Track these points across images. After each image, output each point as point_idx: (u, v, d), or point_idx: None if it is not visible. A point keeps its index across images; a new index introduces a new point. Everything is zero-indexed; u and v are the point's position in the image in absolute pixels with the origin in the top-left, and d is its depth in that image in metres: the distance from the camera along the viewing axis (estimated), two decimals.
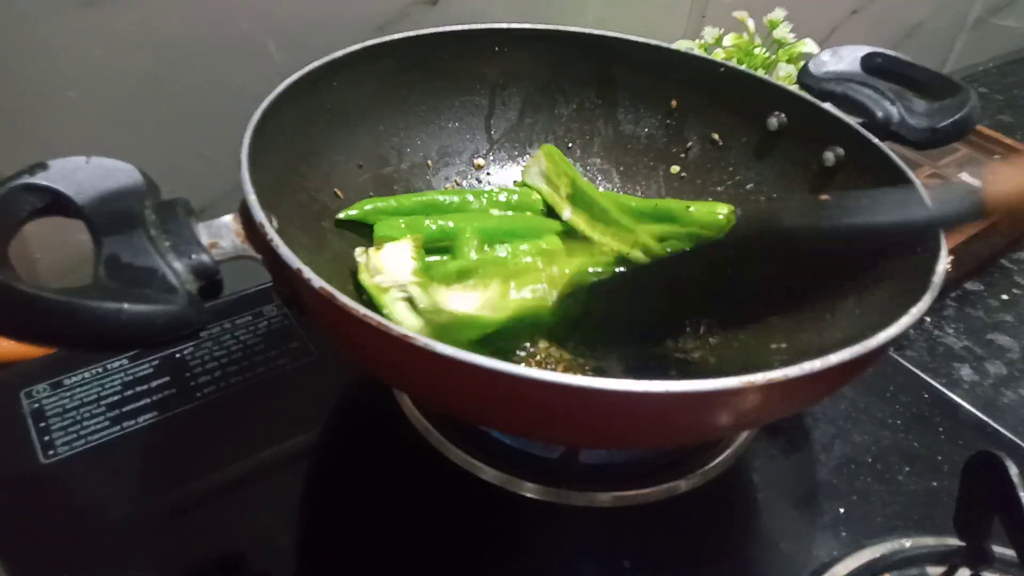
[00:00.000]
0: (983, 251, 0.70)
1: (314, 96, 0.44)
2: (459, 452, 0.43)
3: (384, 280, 0.41)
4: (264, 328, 0.51)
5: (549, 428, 0.34)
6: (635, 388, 0.27)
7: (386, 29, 0.57)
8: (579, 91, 0.56)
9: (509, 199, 0.52)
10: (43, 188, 0.31)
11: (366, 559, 0.39)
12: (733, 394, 0.28)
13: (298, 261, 0.31)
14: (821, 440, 0.47)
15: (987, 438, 0.49)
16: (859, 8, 0.94)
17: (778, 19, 0.64)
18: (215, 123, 0.53)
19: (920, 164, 0.75)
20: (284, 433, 0.44)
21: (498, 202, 0.52)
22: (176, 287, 0.30)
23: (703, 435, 0.41)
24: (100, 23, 0.46)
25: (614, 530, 0.41)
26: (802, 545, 0.41)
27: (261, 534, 0.39)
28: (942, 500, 0.44)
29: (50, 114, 0.47)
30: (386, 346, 0.29)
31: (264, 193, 0.34)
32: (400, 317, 0.41)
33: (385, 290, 0.41)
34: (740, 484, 0.44)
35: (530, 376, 0.27)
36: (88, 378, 0.46)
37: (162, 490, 0.41)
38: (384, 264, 0.42)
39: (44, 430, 0.43)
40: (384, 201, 0.48)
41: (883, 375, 0.52)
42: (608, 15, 0.69)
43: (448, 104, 0.54)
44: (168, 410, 0.45)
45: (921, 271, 0.36)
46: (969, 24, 1.12)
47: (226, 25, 0.51)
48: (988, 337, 0.63)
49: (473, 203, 0.51)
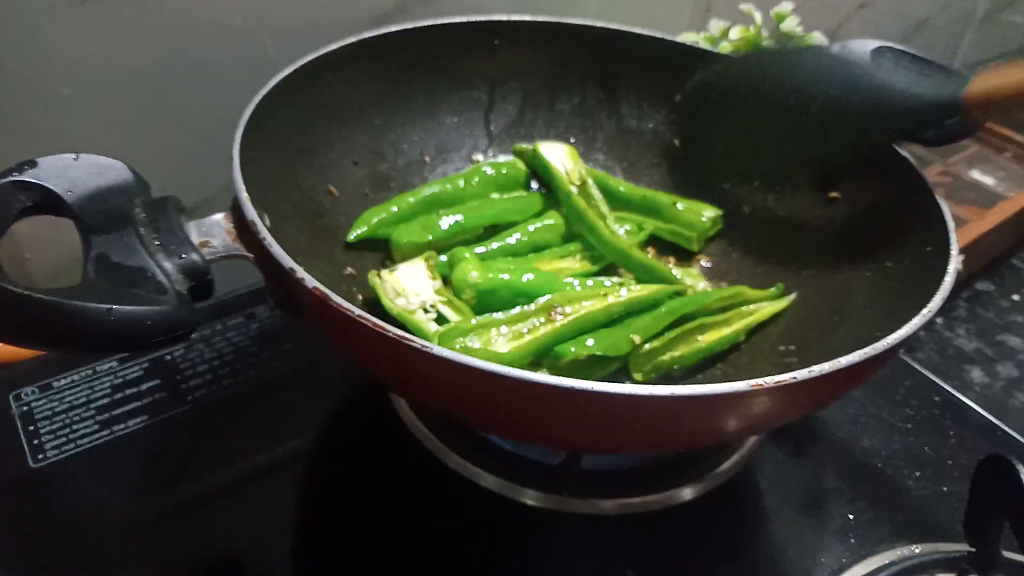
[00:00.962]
0: (993, 250, 0.70)
1: (308, 91, 0.44)
2: (457, 458, 0.42)
3: (410, 302, 0.40)
4: (256, 330, 0.50)
5: (550, 432, 0.34)
6: (639, 392, 0.27)
7: (384, 22, 0.56)
8: (581, 85, 0.55)
9: (498, 173, 0.52)
10: (32, 186, 0.30)
11: (361, 568, 0.38)
12: (740, 398, 0.28)
13: (291, 260, 0.30)
14: (829, 444, 0.47)
15: (998, 441, 0.48)
16: (867, 2, 0.94)
17: (785, 12, 0.63)
18: (210, 120, 0.52)
19: (930, 161, 0.74)
20: (277, 438, 0.44)
21: (489, 178, 0.51)
22: (166, 287, 0.30)
23: (709, 440, 0.40)
24: (93, 19, 0.46)
25: (618, 538, 0.41)
26: (810, 552, 0.41)
27: (253, 541, 0.39)
28: (952, 505, 0.43)
29: (43, 111, 0.47)
30: (383, 348, 0.29)
31: (256, 191, 0.34)
32: None
33: (413, 312, 0.40)
34: (747, 490, 0.44)
35: (530, 379, 0.27)
36: (78, 380, 0.45)
37: (152, 495, 0.41)
38: (404, 285, 0.41)
39: (33, 433, 0.43)
40: (384, 210, 0.47)
41: (893, 377, 0.52)
42: (611, 7, 0.68)
43: (446, 99, 0.53)
44: (159, 414, 0.44)
45: (932, 270, 0.35)
46: (977, 19, 1.12)
47: (221, 21, 0.50)
48: (999, 338, 0.62)
49: (465, 187, 0.50)
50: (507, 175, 0.52)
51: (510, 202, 0.51)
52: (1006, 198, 0.69)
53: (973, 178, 0.72)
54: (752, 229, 0.51)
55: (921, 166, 0.42)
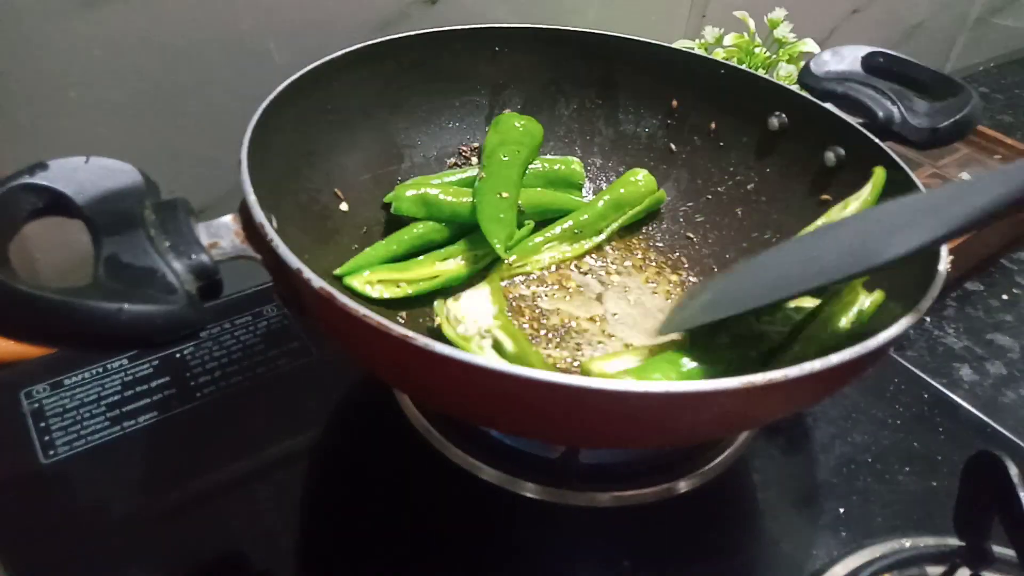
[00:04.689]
0: (983, 251, 0.70)
1: (314, 96, 0.44)
2: (459, 452, 0.43)
3: (468, 329, 0.40)
4: (264, 328, 0.51)
5: (549, 428, 0.34)
6: (635, 388, 0.27)
7: (386, 29, 0.57)
8: (579, 91, 0.56)
9: None
10: (43, 188, 0.30)
11: (366, 559, 0.39)
12: (733, 395, 0.28)
13: (298, 261, 0.31)
14: (821, 440, 0.47)
15: (987, 438, 0.49)
16: (860, 8, 0.94)
17: (778, 18, 0.64)
18: (216, 123, 0.53)
19: (921, 164, 0.75)
20: (284, 433, 0.44)
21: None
22: (176, 287, 0.30)
23: (703, 435, 0.41)
24: (101, 23, 0.46)
25: (614, 530, 0.41)
26: (802, 545, 0.41)
27: (261, 534, 0.39)
28: (942, 500, 0.44)
29: (50, 114, 0.47)
30: (386, 346, 0.29)
31: (264, 193, 0.34)
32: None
33: (469, 339, 0.40)
34: (740, 484, 0.44)
35: (529, 376, 0.27)
36: (88, 378, 0.46)
37: (162, 490, 0.41)
38: (464, 313, 0.41)
39: (44, 430, 0.43)
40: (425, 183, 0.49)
41: (883, 375, 0.52)
42: (608, 15, 0.69)
43: (448, 104, 0.54)
44: (168, 410, 0.45)
45: (921, 271, 0.36)
46: (969, 24, 1.12)
47: (227, 26, 0.51)
48: (988, 337, 0.63)
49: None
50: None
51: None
52: None
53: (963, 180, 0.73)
54: (746, 231, 0.51)
55: (912, 168, 0.43)
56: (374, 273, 0.45)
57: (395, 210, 0.48)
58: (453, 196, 0.49)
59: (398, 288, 0.46)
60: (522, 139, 0.51)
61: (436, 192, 0.48)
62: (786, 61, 0.63)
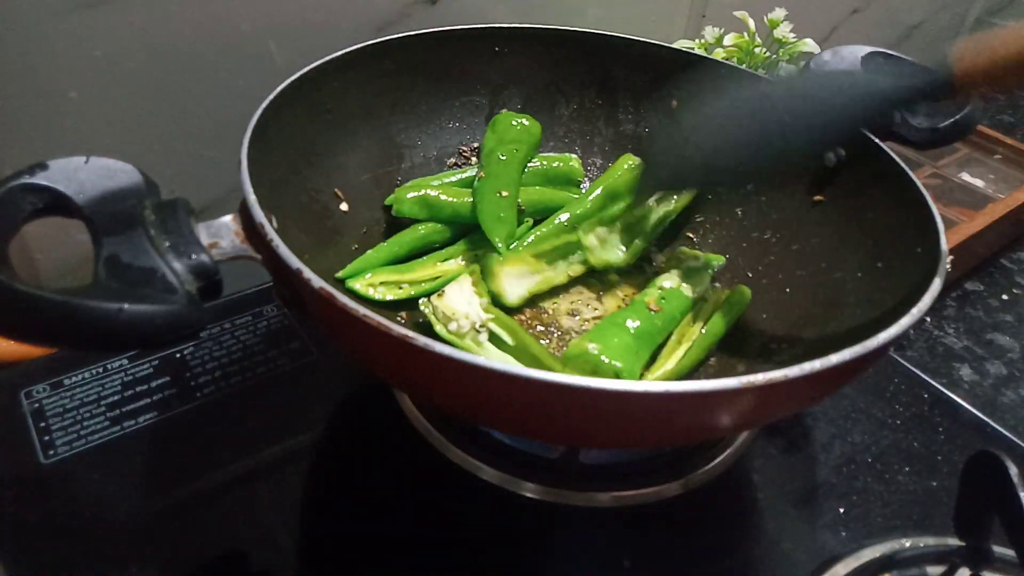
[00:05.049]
0: (983, 250, 0.70)
1: (314, 96, 0.44)
2: (459, 452, 0.43)
3: (461, 326, 0.40)
4: (264, 328, 0.51)
5: (549, 428, 0.34)
6: (635, 388, 0.27)
7: (386, 29, 0.57)
8: (579, 91, 0.56)
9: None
10: (43, 188, 0.30)
11: (366, 559, 0.39)
12: (733, 394, 0.28)
13: (298, 261, 0.31)
14: (821, 440, 0.47)
15: (987, 438, 0.49)
16: (859, 8, 0.94)
17: (778, 18, 0.64)
18: (216, 124, 0.53)
19: (921, 164, 0.75)
20: (284, 433, 0.44)
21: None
22: (176, 287, 0.30)
23: (703, 435, 0.41)
24: (101, 24, 0.46)
25: (614, 530, 0.41)
26: (802, 545, 0.41)
27: (261, 534, 0.39)
28: (942, 500, 0.44)
29: (51, 114, 0.47)
30: (386, 346, 0.29)
31: (264, 193, 0.34)
32: (494, 357, 0.40)
33: (464, 335, 0.40)
34: (740, 484, 0.44)
35: (529, 376, 0.27)
36: (88, 378, 0.46)
37: (162, 490, 0.41)
38: (453, 307, 0.41)
39: (44, 430, 0.43)
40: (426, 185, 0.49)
41: (883, 375, 0.52)
42: (608, 15, 0.69)
43: (448, 104, 0.54)
44: (168, 410, 0.45)
45: (921, 270, 0.36)
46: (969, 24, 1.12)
47: (227, 26, 0.51)
48: (988, 337, 0.63)
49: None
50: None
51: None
52: (996, 200, 0.70)
53: (963, 180, 0.73)
54: (745, 231, 0.51)
55: (912, 168, 0.43)
56: (376, 275, 0.45)
57: (396, 212, 0.48)
58: (453, 197, 0.49)
59: (400, 289, 0.46)
60: (520, 137, 0.51)
61: (436, 193, 0.48)
62: (786, 61, 0.63)
